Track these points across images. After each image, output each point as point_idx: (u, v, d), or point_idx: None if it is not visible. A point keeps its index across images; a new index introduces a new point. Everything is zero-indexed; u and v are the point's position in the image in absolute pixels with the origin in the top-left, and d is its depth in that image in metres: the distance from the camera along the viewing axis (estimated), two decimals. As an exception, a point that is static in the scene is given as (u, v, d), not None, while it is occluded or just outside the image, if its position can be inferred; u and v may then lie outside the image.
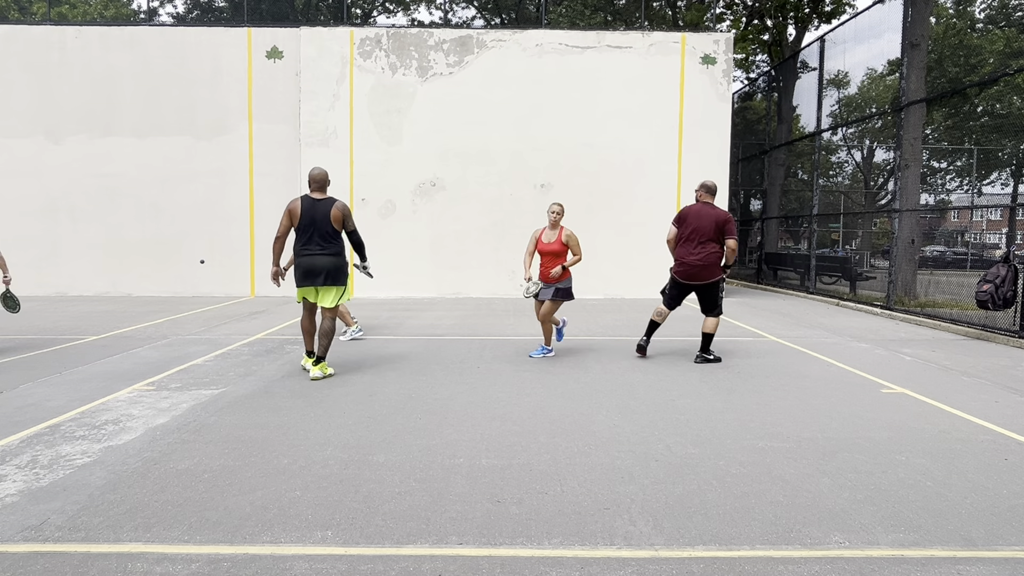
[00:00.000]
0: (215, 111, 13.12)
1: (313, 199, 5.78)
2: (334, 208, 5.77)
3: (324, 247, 5.75)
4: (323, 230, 5.73)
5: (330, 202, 5.79)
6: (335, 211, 5.76)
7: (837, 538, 2.82)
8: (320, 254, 5.74)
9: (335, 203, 5.78)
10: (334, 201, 5.79)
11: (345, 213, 5.81)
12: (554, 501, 3.18)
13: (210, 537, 2.79)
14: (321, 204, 5.77)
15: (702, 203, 6.73)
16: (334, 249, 5.80)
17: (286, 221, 5.76)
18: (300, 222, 5.74)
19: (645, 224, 13.28)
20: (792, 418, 4.64)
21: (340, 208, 5.79)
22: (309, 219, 5.72)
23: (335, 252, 5.81)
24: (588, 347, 7.49)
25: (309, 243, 5.74)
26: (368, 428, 4.34)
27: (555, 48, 13.17)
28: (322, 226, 5.73)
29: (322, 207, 5.75)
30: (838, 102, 21.27)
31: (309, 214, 5.71)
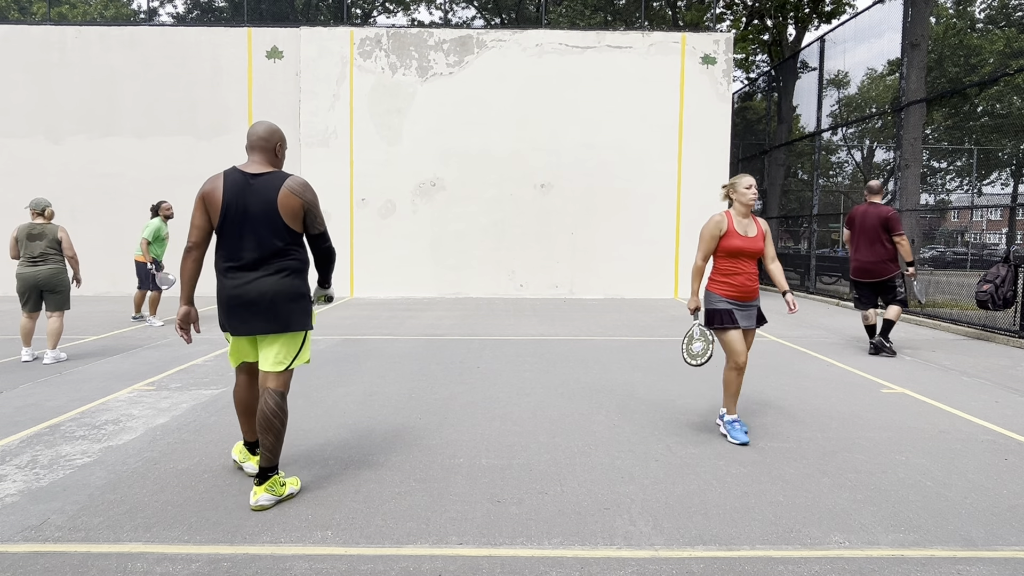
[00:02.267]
0: (215, 111, 13.12)
1: (246, 175, 3.15)
2: (285, 191, 3.13)
3: (266, 263, 3.14)
4: (264, 231, 3.12)
5: (277, 179, 3.16)
6: (288, 196, 3.13)
7: (837, 538, 2.82)
8: (260, 277, 3.13)
9: (288, 183, 3.16)
10: (285, 179, 3.17)
11: (307, 200, 3.19)
12: (554, 501, 3.18)
13: (210, 537, 2.78)
14: (261, 185, 3.13)
15: (868, 203, 6.94)
16: (284, 265, 3.17)
17: (199, 218, 3.18)
18: (222, 217, 3.13)
19: (645, 224, 13.29)
20: (792, 418, 4.63)
21: (298, 190, 3.16)
22: (239, 212, 3.12)
23: (287, 271, 3.17)
24: (588, 347, 7.49)
25: (238, 255, 3.13)
26: (368, 428, 4.34)
27: (555, 48, 13.17)
28: (262, 224, 3.12)
29: (263, 190, 3.12)
30: (838, 102, 21.27)
31: (239, 202, 3.11)
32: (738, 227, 4.09)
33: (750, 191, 4.05)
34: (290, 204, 3.13)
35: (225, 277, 3.16)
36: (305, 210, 3.17)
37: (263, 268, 3.13)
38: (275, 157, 3.24)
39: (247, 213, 3.10)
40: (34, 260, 6.35)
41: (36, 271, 6.35)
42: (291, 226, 3.15)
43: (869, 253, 6.94)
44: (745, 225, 4.10)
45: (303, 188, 3.17)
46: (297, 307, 3.18)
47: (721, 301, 4.08)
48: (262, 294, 3.10)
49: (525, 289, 13.34)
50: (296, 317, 3.18)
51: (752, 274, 4.06)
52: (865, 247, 6.96)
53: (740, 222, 4.11)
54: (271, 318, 3.12)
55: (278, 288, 3.12)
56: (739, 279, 4.04)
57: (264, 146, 3.21)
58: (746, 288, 4.04)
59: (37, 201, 6.51)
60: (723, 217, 4.10)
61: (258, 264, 3.12)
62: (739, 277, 4.04)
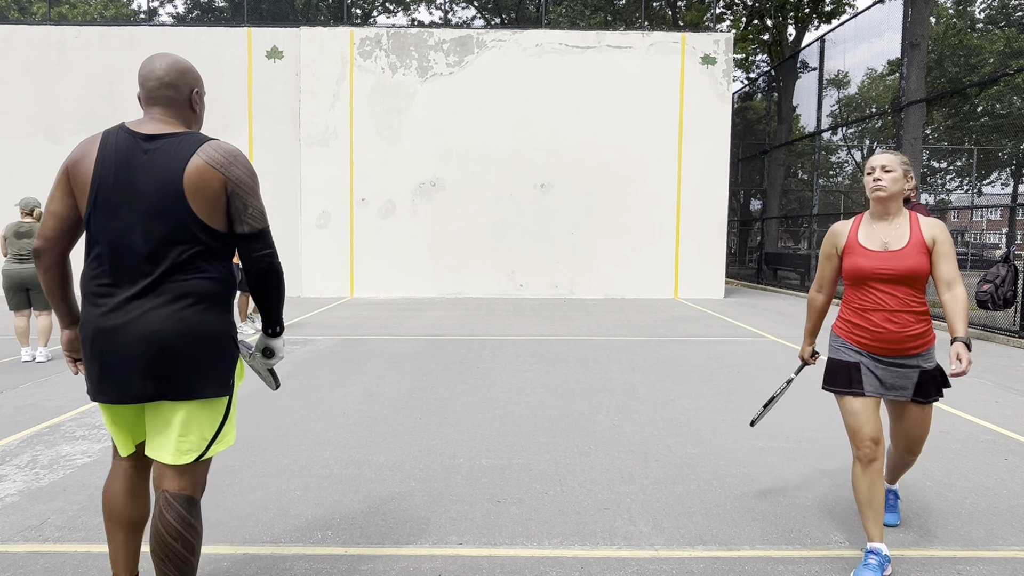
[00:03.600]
0: (215, 111, 13.09)
1: (136, 137, 1.96)
2: (198, 161, 1.91)
3: (160, 282, 1.90)
4: (159, 228, 1.89)
5: (187, 144, 1.94)
6: (202, 170, 1.91)
7: (837, 538, 2.82)
8: (149, 307, 1.89)
9: (205, 148, 1.94)
10: (200, 144, 1.95)
11: (233, 177, 1.95)
12: (554, 501, 3.18)
13: (210, 537, 2.78)
14: (160, 153, 1.92)
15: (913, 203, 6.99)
16: (189, 287, 1.93)
17: (56, 202, 1.97)
18: (91, 203, 1.93)
19: (645, 224, 13.29)
20: (792, 418, 4.63)
21: (218, 160, 1.93)
22: (119, 195, 1.91)
23: (193, 297, 1.93)
24: (588, 347, 7.49)
25: (116, 268, 1.91)
26: (368, 428, 4.34)
27: (555, 48, 13.17)
28: (157, 215, 1.89)
29: (161, 161, 1.91)
30: (838, 102, 21.27)
31: (121, 179, 1.91)
32: (865, 237, 2.56)
33: (871, 176, 2.54)
34: (204, 183, 1.87)
35: (93, 303, 1.89)
36: (229, 193, 1.91)
37: (155, 291, 1.86)
38: (190, 111, 2.04)
39: (133, 198, 1.86)
40: (21, 258, 6.41)
41: (22, 268, 6.40)
42: (206, 220, 1.89)
43: None
44: (884, 232, 2.52)
45: (227, 157, 1.92)
46: (211, 356, 1.93)
47: (844, 349, 2.60)
48: (150, 334, 1.85)
49: (525, 289, 13.34)
50: (210, 373, 1.93)
51: (899, 312, 2.48)
52: None
53: (874, 229, 2.55)
54: (165, 375, 1.88)
55: (178, 325, 1.87)
56: (874, 318, 2.51)
57: (170, 95, 1.99)
58: (886, 334, 2.49)
59: (26, 201, 6.56)
60: (845, 224, 2.65)
61: (146, 283, 1.86)
62: (875, 316, 2.50)
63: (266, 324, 2.14)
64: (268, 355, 2.19)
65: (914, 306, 2.48)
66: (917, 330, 2.50)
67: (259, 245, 2.01)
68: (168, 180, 1.90)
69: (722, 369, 6.29)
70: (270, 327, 2.14)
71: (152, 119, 2.02)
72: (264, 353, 2.18)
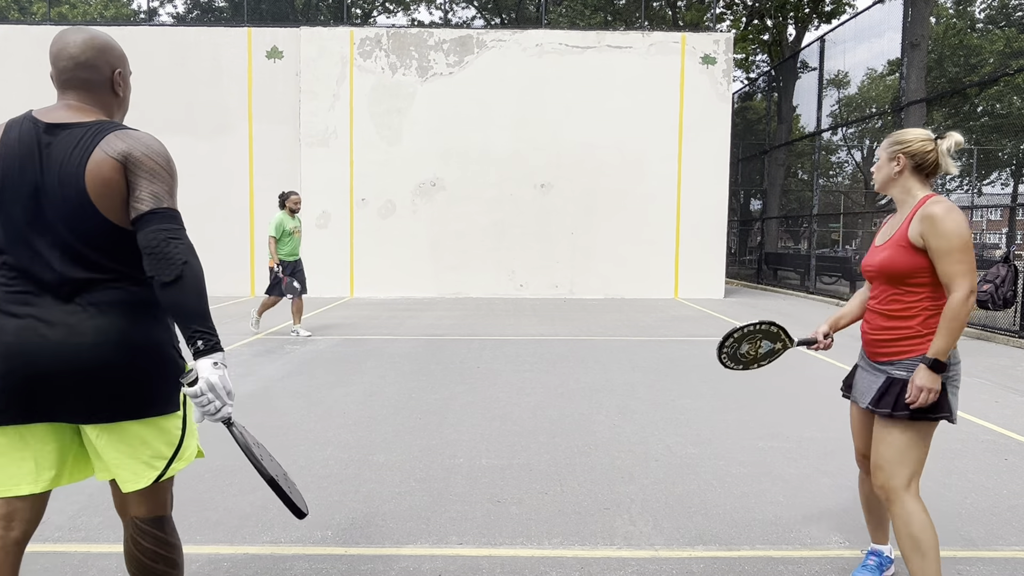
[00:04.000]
0: (215, 111, 13.12)
1: (38, 126, 1.65)
2: (98, 155, 1.61)
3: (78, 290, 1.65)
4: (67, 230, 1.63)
5: (95, 134, 1.64)
6: (100, 162, 1.61)
7: (837, 538, 2.82)
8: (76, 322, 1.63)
9: (108, 138, 1.64)
10: (107, 134, 1.65)
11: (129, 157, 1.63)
12: (554, 501, 3.18)
13: (210, 537, 2.78)
14: (64, 144, 1.63)
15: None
16: (111, 296, 1.67)
17: None
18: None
19: (645, 224, 13.29)
20: (792, 418, 4.63)
21: (119, 148, 1.63)
22: (22, 193, 1.64)
23: (123, 306, 1.68)
24: (588, 347, 7.49)
25: (26, 273, 1.65)
26: (368, 428, 4.34)
27: (555, 48, 13.17)
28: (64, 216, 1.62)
29: (64, 154, 1.62)
30: (838, 102, 21.27)
31: (24, 175, 1.63)
32: (881, 232, 2.35)
33: (875, 164, 2.32)
34: (106, 179, 1.59)
35: (6, 314, 1.64)
36: (128, 181, 1.62)
37: (77, 301, 1.64)
38: (111, 95, 1.77)
39: (38, 199, 1.62)
40: None
41: None
42: (119, 223, 1.63)
43: None
44: (892, 225, 2.28)
45: (129, 141, 1.63)
46: (151, 370, 1.68)
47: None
48: (79, 350, 1.61)
49: (525, 289, 13.34)
50: (152, 389, 1.69)
51: (873, 312, 2.28)
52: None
53: (892, 221, 2.30)
54: (97, 395, 1.63)
55: (107, 337, 1.62)
56: (865, 316, 2.36)
57: (86, 77, 1.71)
58: (863, 334, 2.35)
59: None
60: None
61: (66, 292, 1.63)
62: (867, 314, 2.34)
63: (187, 331, 1.61)
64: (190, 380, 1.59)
65: (889, 308, 2.19)
66: (886, 335, 2.20)
67: (155, 225, 1.60)
68: (69, 180, 1.61)
69: (722, 369, 6.29)
70: (196, 333, 1.60)
71: (63, 106, 1.71)
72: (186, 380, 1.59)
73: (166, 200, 1.65)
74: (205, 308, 1.63)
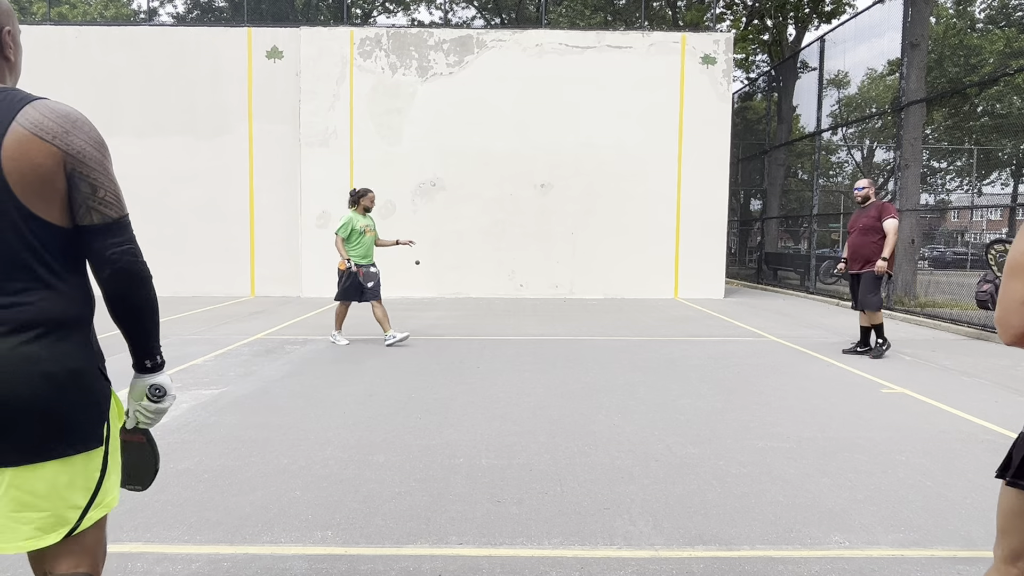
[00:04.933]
0: (215, 111, 13.12)
1: None
2: (19, 130, 1.32)
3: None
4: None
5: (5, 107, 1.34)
6: (26, 142, 1.32)
7: (837, 538, 2.82)
8: None
9: (27, 112, 1.35)
10: (23, 105, 1.35)
11: (72, 148, 1.37)
12: (554, 501, 3.18)
13: (210, 537, 2.78)
14: None
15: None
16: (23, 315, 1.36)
17: None
18: None
19: (645, 224, 13.29)
20: (792, 418, 4.63)
21: (48, 127, 1.35)
22: None
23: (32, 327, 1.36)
24: (588, 347, 7.49)
25: None
26: (368, 428, 4.34)
27: (555, 48, 13.17)
28: None
29: None
30: (838, 102, 21.27)
31: None
32: None
33: None
34: (31, 161, 1.33)
35: None
36: (68, 172, 1.38)
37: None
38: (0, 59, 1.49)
39: None
40: None
41: None
42: (39, 213, 1.36)
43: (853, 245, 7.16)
44: None
45: (63, 122, 1.38)
46: (70, 401, 1.42)
47: None
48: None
49: (525, 289, 13.34)
50: (71, 422, 1.42)
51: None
52: (854, 237, 7.15)
53: None
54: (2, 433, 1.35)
55: (16, 366, 1.35)
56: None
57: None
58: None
59: None
60: None
61: None
62: None
63: (136, 355, 1.54)
64: (157, 399, 1.56)
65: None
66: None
67: (114, 240, 1.42)
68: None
69: (722, 369, 6.29)
70: (145, 359, 1.54)
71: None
72: (152, 397, 1.56)
73: (119, 202, 1.45)
74: (155, 328, 1.54)
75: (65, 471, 1.42)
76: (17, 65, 1.55)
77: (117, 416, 1.56)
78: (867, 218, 7.04)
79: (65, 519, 1.43)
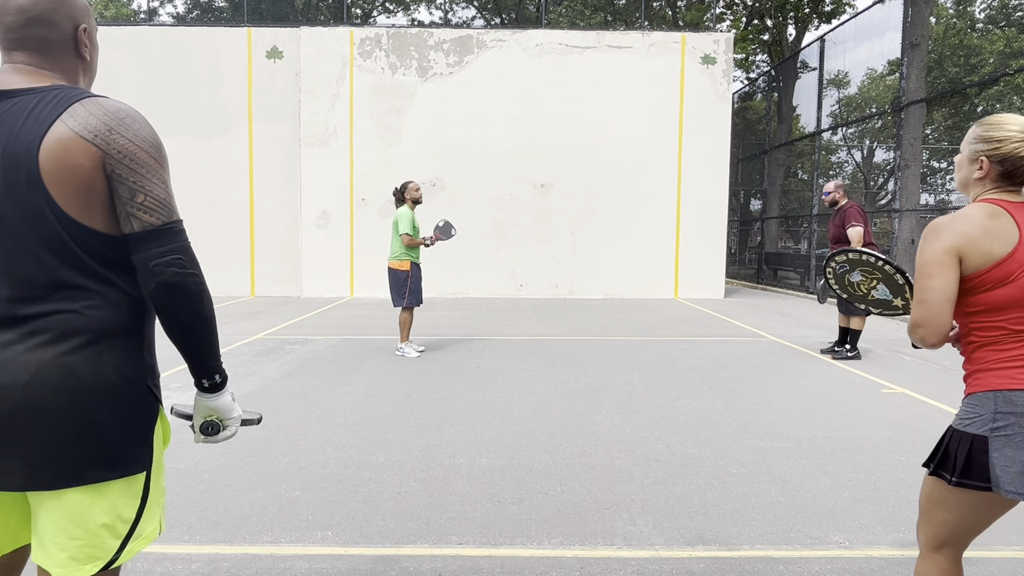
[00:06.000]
0: (215, 111, 13.12)
1: None
2: (63, 129, 1.24)
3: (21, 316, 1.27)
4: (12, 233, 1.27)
5: (53, 104, 1.26)
6: (68, 142, 1.24)
7: (837, 538, 2.82)
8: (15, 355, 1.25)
9: (74, 110, 1.26)
10: (72, 103, 1.27)
11: (114, 151, 1.27)
12: (554, 501, 3.18)
13: (210, 537, 2.78)
14: (12, 115, 1.25)
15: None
16: (66, 322, 1.27)
17: None
18: None
19: (645, 224, 13.29)
20: (792, 418, 4.63)
21: (93, 126, 1.25)
22: None
23: (76, 334, 1.28)
24: (588, 347, 7.49)
25: None
26: (368, 428, 4.34)
27: (555, 48, 13.17)
28: (11, 213, 1.26)
29: (13, 128, 1.25)
30: (838, 102, 21.27)
31: None
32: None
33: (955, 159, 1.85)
34: (70, 162, 1.25)
35: None
36: (108, 173, 1.28)
37: (18, 328, 1.27)
38: (74, 57, 1.41)
39: None
40: None
41: None
42: (80, 219, 1.28)
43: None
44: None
45: (108, 119, 1.28)
46: (115, 419, 1.32)
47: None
48: (14, 391, 1.24)
49: (525, 289, 13.34)
50: (113, 443, 1.32)
51: None
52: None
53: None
54: (36, 450, 1.26)
55: (58, 378, 1.26)
56: None
57: (42, 35, 1.35)
58: None
59: None
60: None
61: (5, 317, 1.28)
62: None
63: (195, 374, 1.44)
64: (208, 430, 1.46)
65: None
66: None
67: (158, 249, 1.30)
68: (16, 159, 1.23)
69: (722, 369, 6.29)
70: (202, 378, 1.44)
71: (8, 69, 1.33)
72: (203, 429, 1.46)
73: (171, 208, 1.34)
74: (213, 345, 1.43)
75: (103, 497, 1.32)
76: (93, 64, 1.47)
77: (163, 439, 1.45)
78: (834, 226, 6.85)
79: (102, 549, 1.32)
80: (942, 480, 1.69)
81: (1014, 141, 1.64)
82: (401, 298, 6.78)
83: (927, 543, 1.78)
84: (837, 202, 6.92)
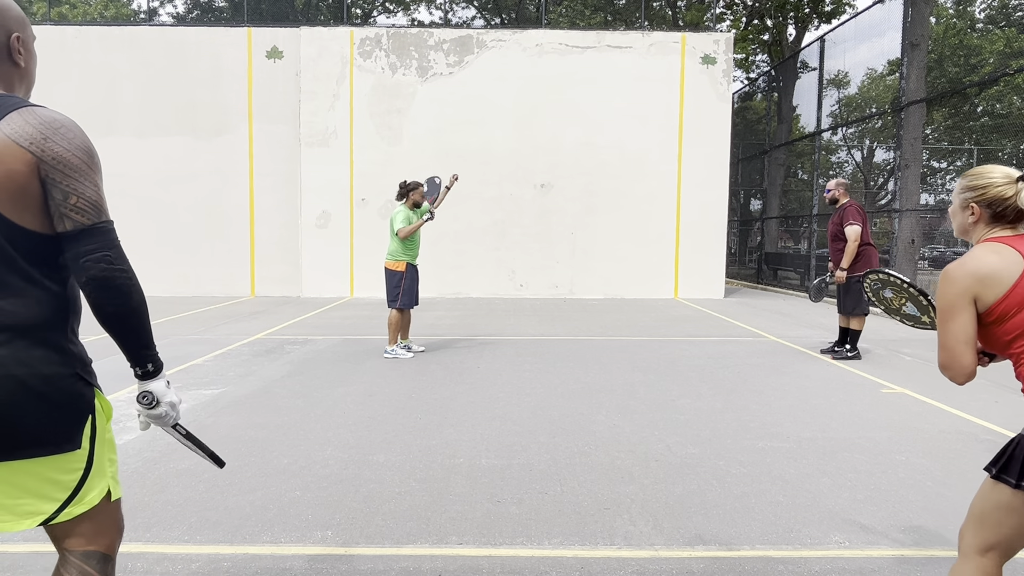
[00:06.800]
0: (215, 111, 13.11)
1: None
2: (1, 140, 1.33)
3: None
4: None
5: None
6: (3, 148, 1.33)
7: (837, 538, 2.82)
8: None
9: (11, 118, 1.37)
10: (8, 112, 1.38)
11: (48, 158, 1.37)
12: (554, 501, 3.18)
13: (210, 537, 2.78)
14: None
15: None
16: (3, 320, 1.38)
17: None
18: None
19: (645, 224, 13.29)
20: (792, 418, 4.63)
21: (27, 133, 1.36)
22: None
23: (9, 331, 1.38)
24: (588, 347, 7.49)
25: None
26: (368, 428, 4.34)
27: (555, 48, 13.17)
28: None
29: None
30: (838, 102, 21.27)
31: None
32: None
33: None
34: (6, 165, 1.34)
35: None
36: (43, 178, 1.38)
37: None
38: (9, 66, 1.48)
39: None
40: None
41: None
42: (15, 219, 1.37)
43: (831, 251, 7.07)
44: None
45: (43, 128, 1.39)
46: (44, 409, 1.42)
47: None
48: None
49: (525, 289, 13.34)
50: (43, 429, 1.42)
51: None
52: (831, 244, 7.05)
53: None
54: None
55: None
56: None
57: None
58: None
59: None
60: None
61: None
62: None
63: (129, 362, 1.52)
64: (143, 399, 1.54)
65: None
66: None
67: (88, 247, 1.39)
68: None
69: (722, 369, 6.29)
70: (135, 366, 1.52)
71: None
72: (138, 397, 1.54)
73: (102, 209, 1.43)
74: (150, 328, 1.51)
75: (40, 469, 1.46)
76: (29, 72, 1.55)
77: (106, 416, 1.57)
78: (834, 224, 6.86)
79: (40, 510, 1.48)
80: (1005, 484, 1.75)
81: (997, 185, 1.81)
82: (394, 299, 6.74)
83: (975, 545, 1.81)
84: (838, 200, 6.94)
